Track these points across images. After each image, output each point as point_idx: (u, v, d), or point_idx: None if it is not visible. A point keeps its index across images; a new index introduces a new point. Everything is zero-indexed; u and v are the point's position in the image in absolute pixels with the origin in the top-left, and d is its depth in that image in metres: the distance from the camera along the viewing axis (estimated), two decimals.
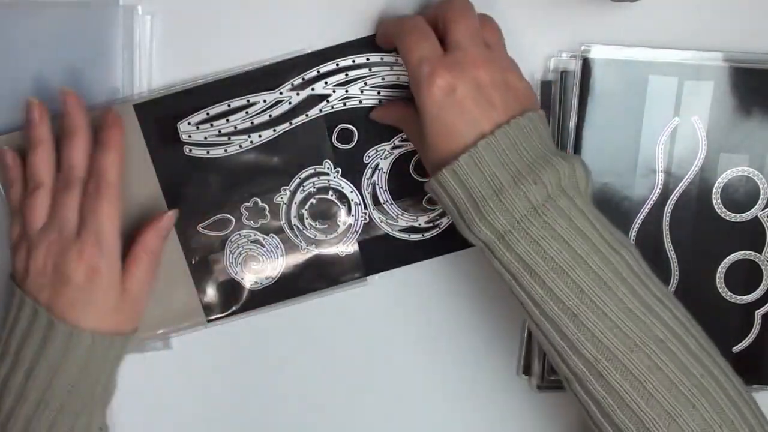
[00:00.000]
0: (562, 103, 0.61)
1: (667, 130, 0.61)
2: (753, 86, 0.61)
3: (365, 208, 0.62)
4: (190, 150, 0.60)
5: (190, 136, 0.60)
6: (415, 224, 0.62)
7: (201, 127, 0.60)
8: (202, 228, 0.61)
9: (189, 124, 0.60)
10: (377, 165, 0.61)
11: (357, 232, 0.62)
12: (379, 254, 0.62)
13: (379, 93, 0.60)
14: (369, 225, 0.62)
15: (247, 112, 0.60)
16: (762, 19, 0.62)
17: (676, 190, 0.62)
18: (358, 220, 0.62)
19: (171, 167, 0.60)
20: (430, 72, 0.51)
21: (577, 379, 0.51)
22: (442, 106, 0.51)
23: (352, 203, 0.62)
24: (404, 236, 0.62)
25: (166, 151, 0.60)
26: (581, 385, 0.51)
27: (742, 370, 0.54)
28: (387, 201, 0.62)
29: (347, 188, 0.61)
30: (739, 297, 0.63)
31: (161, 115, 0.59)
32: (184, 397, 0.64)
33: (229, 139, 0.60)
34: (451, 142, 0.51)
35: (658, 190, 0.62)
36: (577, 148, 0.61)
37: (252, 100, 0.60)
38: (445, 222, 0.62)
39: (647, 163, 0.61)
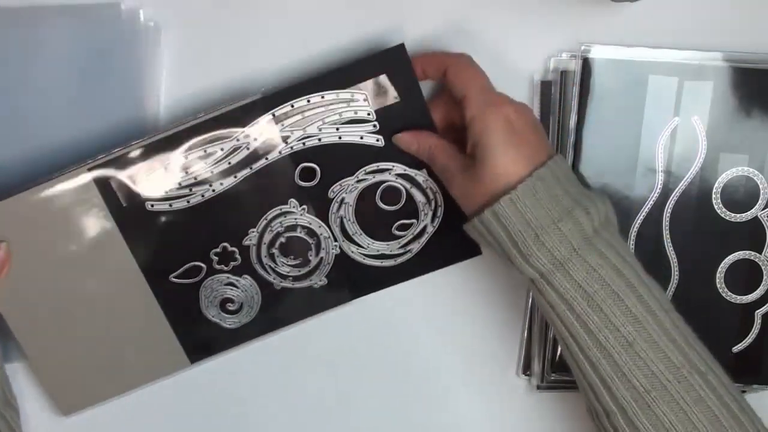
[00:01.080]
0: (561, 103, 0.61)
1: (667, 130, 0.61)
2: (753, 86, 0.61)
3: (335, 240, 0.61)
4: (152, 205, 0.59)
5: (150, 192, 0.59)
6: (387, 252, 0.62)
7: (160, 182, 0.59)
8: (174, 278, 0.61)
9: (147, 181, 0.58)
10: (343, 199, 0.61)
11: (330, 263, 0.62)
12: (354, 282, 0.62)
13: (337, 129, 0.59)
14: (341, 256, 0.62)
15: (206, 162, 0.59)
16: (762, 19, 0.62)
17: (676, 190, 0.62)
18: (329, 252, 0.62)
19: (135, 225, 0.59)
20: (499, 100, 0.55)
21: (621, 411, 0.51)
22: (507, 132, 0.53)
23: (322, 237, 0.61)
24: (377, 263, 0.62)
25: (128, 209, 0.59)
26: (624, 417, 0.51)
27: (742, 370, 0.54)
28: (356, 232, 0.61)
29: (315, 224, 0.61)
30: (739, 297, 0.63)
31: (118, 175, 0.58)
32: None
33: (190, 190, 0.59)
34: (510, 172, 0.53)
35: (658, 190, 0.62)
36: (577, 148, 0.61)
37: (209, 150, 0.59)
38: (416, 247, 0.62)
39: (647, 162, 0.61)
